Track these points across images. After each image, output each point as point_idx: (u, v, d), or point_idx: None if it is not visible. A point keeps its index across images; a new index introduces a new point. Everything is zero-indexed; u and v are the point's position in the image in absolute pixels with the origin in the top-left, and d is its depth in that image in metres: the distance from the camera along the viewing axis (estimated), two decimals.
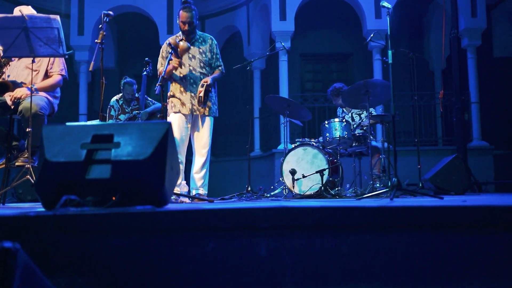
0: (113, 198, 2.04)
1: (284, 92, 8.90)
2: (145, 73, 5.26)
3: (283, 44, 5.68)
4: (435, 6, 10.13)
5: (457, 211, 1.62)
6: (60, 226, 1.62)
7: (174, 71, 4.02)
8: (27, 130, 3.30)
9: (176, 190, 3.79)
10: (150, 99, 6.07)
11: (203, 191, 4.04)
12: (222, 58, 4.22)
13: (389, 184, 3.37)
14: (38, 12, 3.71)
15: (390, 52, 3.18)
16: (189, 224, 1.64)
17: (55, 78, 3.86)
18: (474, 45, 8.85)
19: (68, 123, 2.18)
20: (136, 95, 6.17)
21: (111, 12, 3.35)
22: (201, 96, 3.78)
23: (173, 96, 4.07)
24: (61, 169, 2.01)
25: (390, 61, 3.14)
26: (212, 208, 1.63)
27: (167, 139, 2.12)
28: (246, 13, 10.34)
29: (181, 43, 3.90)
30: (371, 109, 5.69)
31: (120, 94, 6.11)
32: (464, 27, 8.72)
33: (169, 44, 3.74)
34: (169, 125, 2.17)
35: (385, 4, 3.50)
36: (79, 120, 8.93)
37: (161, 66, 4.10)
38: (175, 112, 4.04)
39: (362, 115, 5.70)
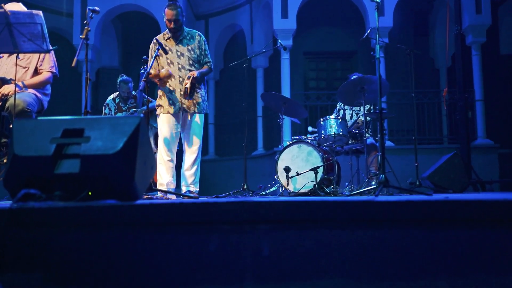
0: (90, 193, 2.02)
1: (286, 90, 8.83)
2: (142, 71, 5.25)
3: (280, 42, 5.60)
4: (439, 2, 10.01)
5: (422, 205, 1.57)
6: (16, 220, 1.59)
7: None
8: (11, 126, 3.30)
9: (164, 187, 3.77)
10: (148, 97, 6.04)
11: (193, 188, 4.01)
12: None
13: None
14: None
15: (377, 47, 3.12)
16: (149, 218, 1.61)
17: (45, 75, 3.86)
18: (478, 42, 8.70)
19: (40, 118, 2.16)
20: (133, 93, 6.16)
21: (97, 8, 3.33)
22: (187, 88, 3.75)
23: (163, 95, 4.05)
24: (29, 163, 1.99)
25: (377, 55, 3.08)
26: (171, 202, 1.60)
27: (138, 133, 2.08)
28: (249, 11, 10.31)
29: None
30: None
31: (117, 93, 6.11)
32: (468, 24, 8.58)
33: (156, 40, 3.71)
34: (141, 119, 2.14)
35: None
36: None
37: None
38: (163, 113, 4.02)
39: (360, 113, 5.63)
